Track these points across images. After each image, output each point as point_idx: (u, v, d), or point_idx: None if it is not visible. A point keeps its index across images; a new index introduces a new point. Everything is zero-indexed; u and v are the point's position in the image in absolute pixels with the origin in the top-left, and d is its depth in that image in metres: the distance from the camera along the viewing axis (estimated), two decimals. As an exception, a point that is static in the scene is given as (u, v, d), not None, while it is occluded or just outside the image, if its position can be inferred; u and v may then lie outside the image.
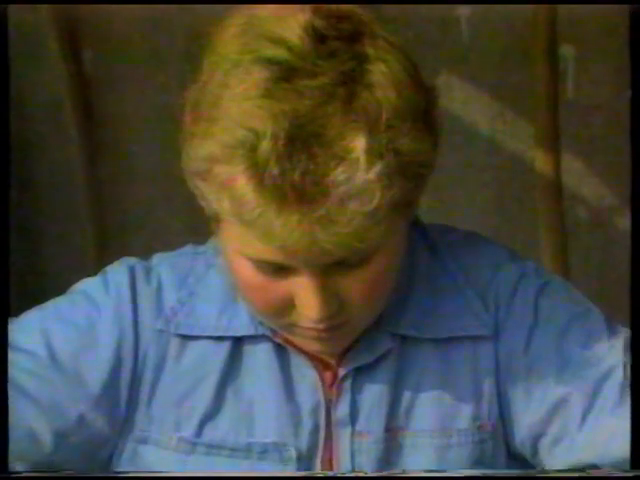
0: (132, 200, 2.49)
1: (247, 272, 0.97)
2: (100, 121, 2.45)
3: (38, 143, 2.46)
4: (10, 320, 1.06)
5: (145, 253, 1.14)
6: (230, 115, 0.90)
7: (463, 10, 2.33)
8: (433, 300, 1.07)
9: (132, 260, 1.10)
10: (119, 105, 2.44)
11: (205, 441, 1.05)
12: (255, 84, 0.90)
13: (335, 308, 0.97)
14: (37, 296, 1.13)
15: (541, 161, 2.21)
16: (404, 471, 1.03)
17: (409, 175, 0.93)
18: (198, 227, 1.11)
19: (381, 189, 0.90)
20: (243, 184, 0.90)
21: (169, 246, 1.15)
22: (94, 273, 1.12)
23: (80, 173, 2.45)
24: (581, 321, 1.05)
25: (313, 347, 1.03)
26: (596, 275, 2.42)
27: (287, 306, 0.98)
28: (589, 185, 2.40)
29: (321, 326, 0.98)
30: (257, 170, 0.89)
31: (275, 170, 0.88)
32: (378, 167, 0.90)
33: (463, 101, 2.38)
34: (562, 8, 2.15)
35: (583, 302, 1.08)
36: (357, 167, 0.89)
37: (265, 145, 0.88)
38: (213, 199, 0.93)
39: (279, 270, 0.96)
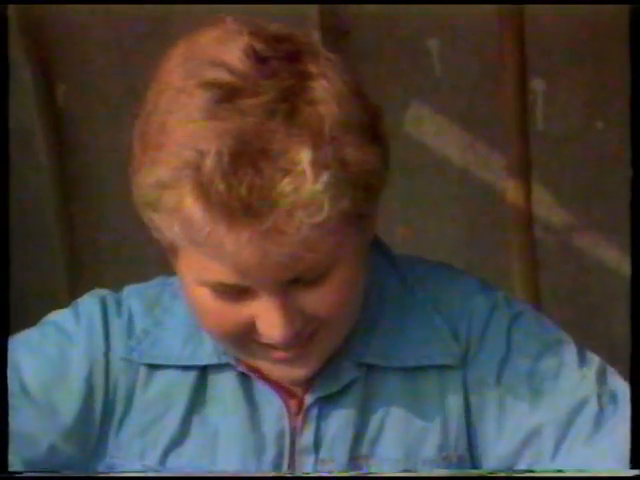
0: (105, 230, 2.48)
1: (206, 300, 0.98)
2: (73, 151, 2.44)
3: (10, 172, 2.45)
4: None
5: (119, 282, 1.14)
6: (175, 139, 0.92)
7: (434, 42, 2.35)
8: (400, 329, 1.07)
9: (103, 292, 1.10)
10: (92, 136, 2.43)
11: (169, 469, 1.05)
12: (198, 107, 0.92)
13: (298, 326, 0.97)
14: (7, 325, 1.12)
15: (512, 191, 2.23)
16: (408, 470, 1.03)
17: (358, 185, 0.94)
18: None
19: (329, 199, 0.91)
20: (191, 205, 0.91)
21: (143, 275, 1.15)
22: (67, 302, 1.12)
23: (52, 202, 2.44)
24: (553, 351, 1.06)
25: (279, 372, 1.03)
26: (567, 303, 2.43)
27: (249, 331, 0.98)
28: (559, 215, 2.42)
29: (285, 346, 0.98)
30: (203, 188, 0.90)
31: (221, 187, 0.89)
32: (325, 177, 0.91)
33: (434, 132, 2.39)
34: (530, 39, 2.17)
35: (555, 332, 1.08)
36: (304, 178, 0.90)
37: (209, 163, 0.89)
38: (165, 228, 0.94)
39: (238, 294, 0.96)
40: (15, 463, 1.03)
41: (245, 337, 0.99)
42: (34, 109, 2.39)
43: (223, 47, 0.94)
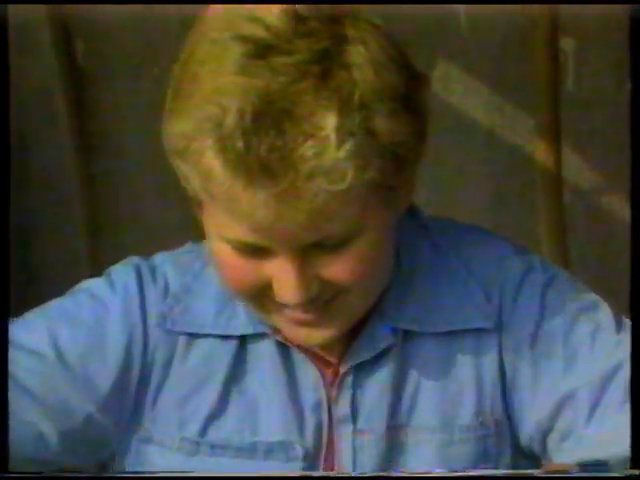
0: (125, 194, 2.48)
1: (226, 256, 0.97)
2: (92, 114, 2.44)
3: (30, 134, 2.44)
4: (11, 320, 1.05)
5: (139, 247, 1.13)
6: (204, 91, 0.92)
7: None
8: (434, 294, 1.06)
9: (137, 259, 1.09)
10: (112, 97, 2.43)
11: (209, 441, 1.05)
12: (229, 60, 0.92)
13: (314, 291, 0.96)
14: (29, 291, 1.11)
15: (541, 155, 2.21)
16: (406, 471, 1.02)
17: (387, 156, 0.93)
18: (191, 221, 1.10)
19: (354, 168, 0.90)
20: (211, 159, 0.91)
21: (163, 240, 1.14)
22: (87, 268, 1.10)
23: (72, 166, 2.44)
24: (589, 314, 1.05)
25: (301, 336, 1.02)
26: (595, 268, 2.41)
27: (266, 290, 0.98)
28: (589, 178, 2.39)
29: (300, 310, 0.98)
30: (223, 144, 0.90)
31: (240, 144, 0.89)
32: (349, 146, 0.90)
33: (461, 94, 2.37)
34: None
35: (590, 295, 1.07)
36: (327, 144, 0.90)
37: (230, 120, 0.90)
38: (190, 177, 0.94)
39: (256, 252, 0.96)
40: (50, 436, 1.03)
41: (263, 296, 0.99)
42: (53, 68, 2.37)
43: (264, 3, 0.94)
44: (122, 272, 1.08)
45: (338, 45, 0.92)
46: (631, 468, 0.95)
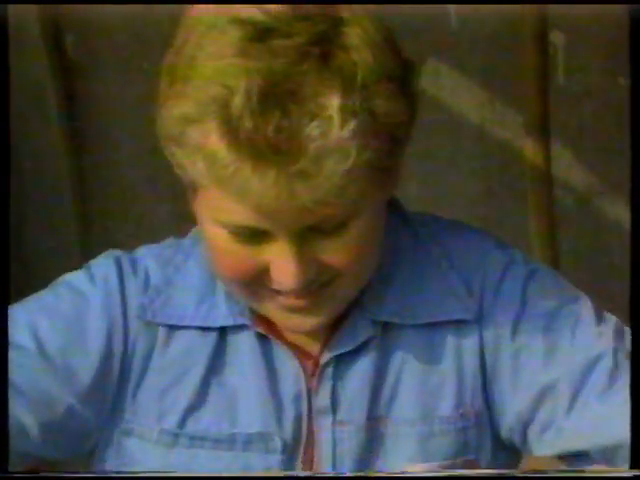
0: (116, 186, 2.48)
1: (222, 241, 0.97)
2: (83, 106, 2.44)
3: (20, 128, 2.44)
4: None
5: (129, 239, 1.13)
6: (204, 74, 0.91)
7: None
8: (415, 286, 1.06)
9: (117, 252, 1.09)
10: (102, 91, 2.43)
11: (188, 433, 1.05)
12: (229, 43, 0.91)
13: (312, 275, 0.96)
14: (20, 282, 1.11)
15: (531, 149, 2.21)
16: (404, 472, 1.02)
17: (384, 136, 0.94)
18: (183, 213, 1.10)
19: (356, 148, 0.91)
20: (216, 141, 0.90)
21: (153, 232, 1.15)
22: (78, 260, 1.11)
23: (63, 159, 2.44)
24: (570, 307, 1.05)
25: (291, 322, 1.02)
26: (585, 262, 2.42)
27: (261, 276, 0.98)
28: (578, 172, 2.40)
29: (294, 295, 0.98)
30: (230, 126, 0.90)
31: (249, 125, 0.89)
32: (352, 125, 0.91)
33: (451, 88, 2.37)
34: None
35: (571, 289, 1.08)
36: (331, 124, 0.90)
37: (238, 100, 0.89)
38: (188, 163, 0.93)
39: (254, 237, 0.96)
40: (31, 427, 1.03)
41: (257, 282, 0.99)
42: (44, 61, 2.37)
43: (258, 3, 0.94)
44: (102, 265, 1.08)
45: (335, 27, 0.93)
46: (631, 468, 0.95)
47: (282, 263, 0.96)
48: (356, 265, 0.98)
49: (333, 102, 0.90)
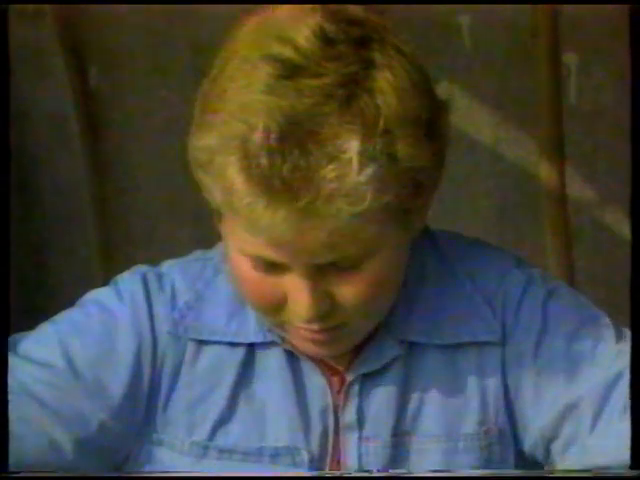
0: (137, 212, 2.49)
1: (244, 268, 0.99)
2: (105, 135, 2.45)
3: (44, 156, 2.46)
4: (20, 335, 1.07)
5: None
6: (231, 108, 0.94)
7: (464, 17, 2.33)
8: (441, 306, 1.07)
9: (143, 268, 1.11)
10: (123, 119, 2.44)
11: (217, 445, 1.06)
12: (258, 79, 0.93)
13: (326, 309, 0.98)
14: (43, 310, 1.13)
15: (545, 168, 2.21)
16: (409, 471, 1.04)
17: (405, 181, 0.94)
18: (204, 238, 1.12)
19: (372, 191, 0.92)
20: (234, 174, 0.93)
21: (175, 256, 1.15)
22: (100, 286, 1.12)
23: (85, 186, 2.46)
24: (590, 325, 1.06)
25: (311, 350, 1.03)
26: (601, 280, 2.41)
27: (281, 305, 0.99)
28: (592, 191, 2.40)
29: (314, 327, 0.99)
30: (247, 161, 0.92)
31: (264, 162, 0.91)
32: (370, 170, 0.91)
33: (466, 109, 2.38)
34: (564, 13, 2.15)
35: (590, 308, 1.09)
36: (349, 168, 0.91)
37: (256, 138, 0.91)
38: (212, 190, 0.96)
39: (273, 268, 0.97)
40: (65, 444, 1.04)
41: (277, 310, 1.00)
42: (67, 92, 2.40)
43: (294, 23, 0.95)
44: (129, 281, 1.09)
45: (365, 69, 0.94)
46: (631, 468, 0.97)
47: (297, 294, 0.97)
48: (371, 302, 0.99)
49: (352, 145, 0.91)
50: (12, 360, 1.03)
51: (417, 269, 1.07)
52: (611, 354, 1.05)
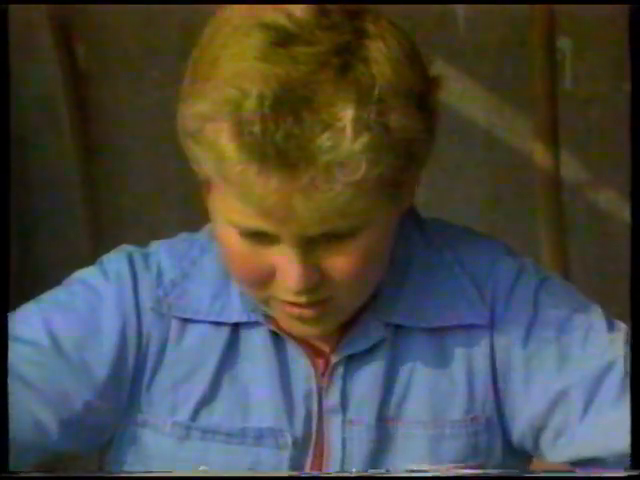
0: (127, 195, 2.49)
1: (232, 240, 0.98)
2: (94, 116, 2.45)
3: (32, 138, 2.45)
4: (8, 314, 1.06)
5: (138, 246, 1.13)
6: (224, 75, 0.93)
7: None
8: (428, 290, 1.07)
9: (129, 247, 1.10)
10: (113, 100, 2.44)
11: (200, 426, 1.06)
12: (251, 46, 0.93)
13: (315, 281, 0.97)
14: (32, 292, 1.12)
15: (539, 155, 2.21)
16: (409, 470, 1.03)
17: (398, 152, 0.94)
18: (193, 221, 1.11)
19: (367, 162, 0.92)
20: (226, 141, 0.92)
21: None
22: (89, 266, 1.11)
23: (74, 168, 2.45)
24: (581, 315, 1.06)
25: (296, 328, 1.03)
26: (595, 268, 2.41)
27: (269, 278, 0.99)
28: (587, 178, 2.40)
29: (302, 299, 0.99)
30: (240, 128, 0.91)
31: (257, 129, 0.91)
32: (364, 138, 0.91)
33: (459, 95, 2.37)
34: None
35: (582, 298, 1.08)
36: (343, 136, 0.91)
37: (250, 104, 0.91)
38: (202, 159, 0.96)
39: (262, 239, 0.97)
40: (50, 424, 1.04)
41: (265, 285, 1.00)
42: (56, 72, 2.39)
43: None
44: (114, 260, 1.09)
45: (358, 39, 0.94)
46: (631, 468, 0.96)
47: (287, 266, 0.97)
48: (359, 276, 0.99)
49: (347, 113, 0.91)
50: None
51: (404, 254, 1.07)
52: (603, 344, 1.04)
